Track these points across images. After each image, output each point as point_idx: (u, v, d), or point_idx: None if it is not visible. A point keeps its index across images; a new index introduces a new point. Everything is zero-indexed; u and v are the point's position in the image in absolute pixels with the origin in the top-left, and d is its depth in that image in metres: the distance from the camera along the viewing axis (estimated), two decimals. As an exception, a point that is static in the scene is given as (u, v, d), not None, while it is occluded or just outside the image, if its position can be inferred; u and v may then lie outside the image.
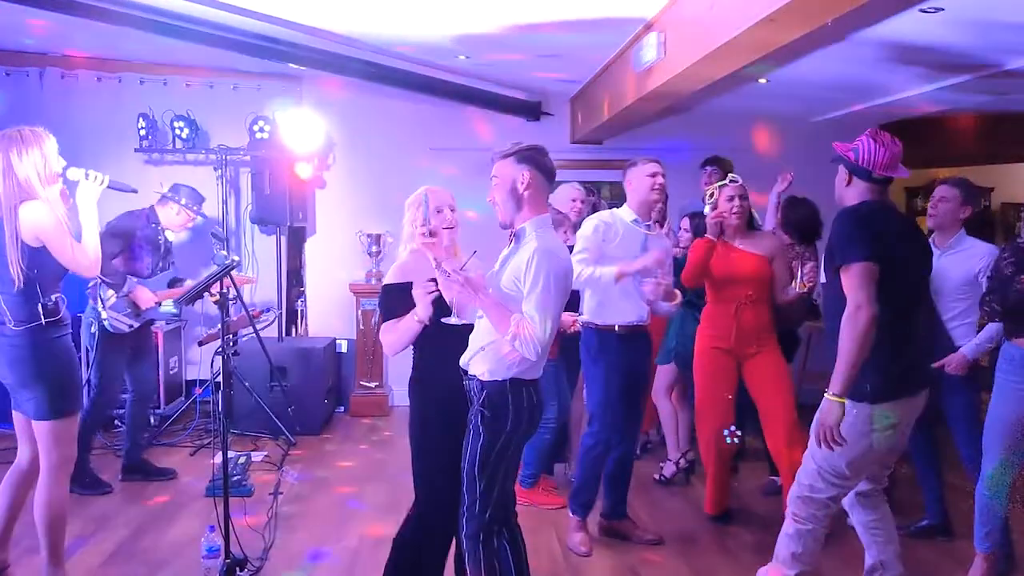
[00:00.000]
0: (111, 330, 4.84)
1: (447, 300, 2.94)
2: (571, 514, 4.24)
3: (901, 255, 3.06)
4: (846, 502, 3.42)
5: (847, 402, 2.98)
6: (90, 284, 4.91)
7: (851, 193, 3.18)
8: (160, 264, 5.11)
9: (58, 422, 3.35)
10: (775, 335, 4.44)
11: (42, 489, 3.41)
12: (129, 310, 4.88)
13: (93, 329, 4.88)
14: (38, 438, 3.40)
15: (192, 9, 4.73)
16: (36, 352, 3.32)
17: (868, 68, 5.10)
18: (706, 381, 4.47)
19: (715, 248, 4.34)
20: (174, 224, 5.15)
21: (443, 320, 2.95)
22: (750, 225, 4.47)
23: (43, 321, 3.31)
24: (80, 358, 4.36)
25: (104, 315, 4.82)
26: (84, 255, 3.36)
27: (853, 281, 2.95)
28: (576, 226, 4.60)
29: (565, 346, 4.49)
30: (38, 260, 3.29)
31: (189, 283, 5.24)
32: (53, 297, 3.36)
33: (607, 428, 4.10)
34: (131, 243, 4.92)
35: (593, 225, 4.07)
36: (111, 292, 4.84)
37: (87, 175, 3.45)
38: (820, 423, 3.00)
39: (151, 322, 5.14)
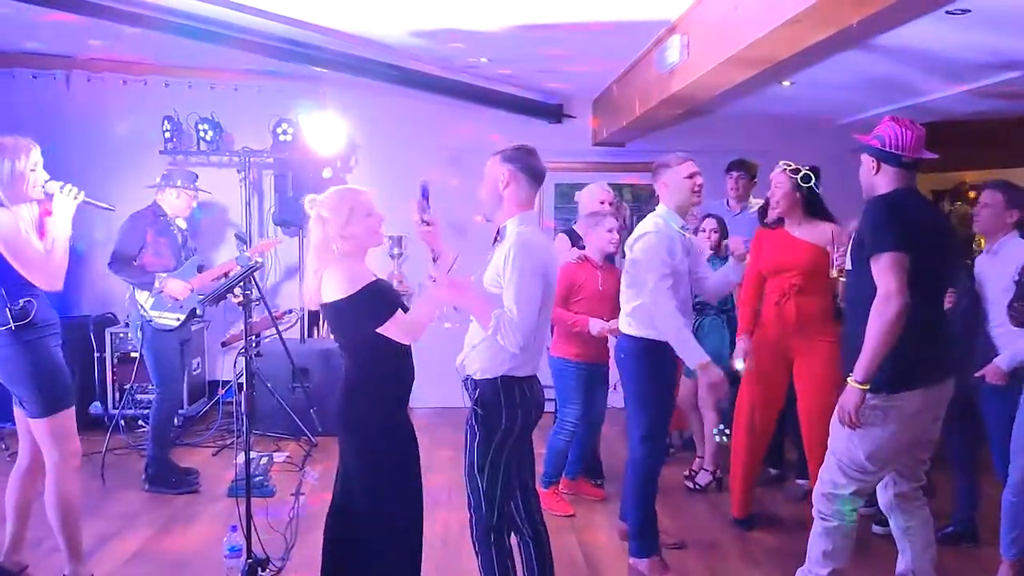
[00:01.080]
0: (158, 328, 4.95)
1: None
2: (641, 557, 3.93)
3: (926, 244, 3.02)
4: (884, 505, 3.38)
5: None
6: (128, 293, 4.99)
7: (881, 181, 3.13)
8: (182, 253, 5.18)
9: (51, 419, 3.39)
10: (832, 330, 4.14)
11: (50, 486, 3.46)
12: (170, 304, 4.97)
13: (139, 333, 4.97)
14: (36, 437, 3.45)
15: (217, 13, 4.77)
16: (13, 353, 3.36)
17: (895, 70, 5.05)
18: (747, 376, 4.34)
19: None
20: (179, 209, 5.20)
21: (443, 324, 3.04)
22: (812, 212, 4.23)
23: (12, 325, 3.33)
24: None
25: (148, 316, 4.93)
26: (43, 267, 3.33)
27: (883, 270, 2.94)
28: (622, 226, 4.61)
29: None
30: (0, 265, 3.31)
31: (218, 266, 5.37)
32: (21, 301, 3.35)
33: (662, 443, 3.98)
34: (145, 242, 4.99)
35: (666, 245, 3.72)
36: (144, 293, 4.92)
37: (62, 188, 3.42)
38: (840, 406, 3.04)
39: (194, 312, 5.18)
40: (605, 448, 5.33)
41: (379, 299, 2.95)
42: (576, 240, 4.93)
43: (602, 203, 4.90)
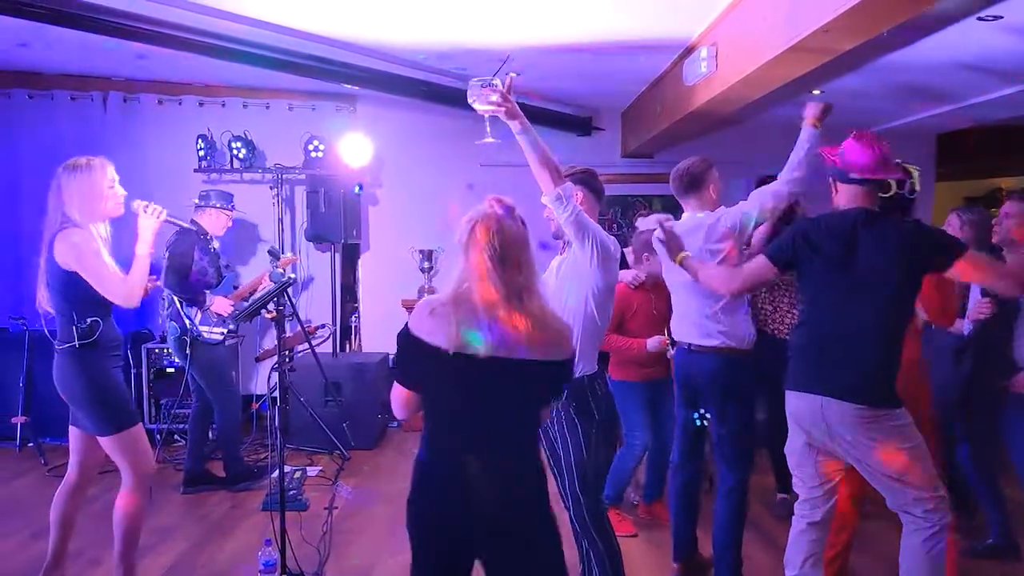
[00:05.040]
0: (206, 341, 5.09)
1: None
2: None
3: (828, 255, 3.00)
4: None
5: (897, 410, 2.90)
6: (167, 308, 5.09)
7: (840, 200, 3.09)
8: (220, 271, 5.31)
9: (117, 436, 3.41)
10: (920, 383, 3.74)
11: (119, 500, 3.49)
12: (215, 320, 5.10)
13: (187, 350, 5.05)
14: (109, 454, 3.47)
15: (250, 33, 4.84)
16: (75, 372, 3.39)
17: (927, 77, 5.00)
18: None
19: None
20: (215, 228, 5.35)
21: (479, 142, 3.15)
22: None
23: (77, 343, 3.36)
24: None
25: (199, 330, 5.06)
26: (119, 285, 3.36)
27: None
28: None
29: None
30: (71, 284, 3.35)
31: (250, 282, 5.57)
32: (88, 320, 3.38)
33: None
34: (193, 259, 5.10)
35: None
36: (195, 309, 5.05)
37: (146, 209, 3.48)
38: None
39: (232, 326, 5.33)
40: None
41: None
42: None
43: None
